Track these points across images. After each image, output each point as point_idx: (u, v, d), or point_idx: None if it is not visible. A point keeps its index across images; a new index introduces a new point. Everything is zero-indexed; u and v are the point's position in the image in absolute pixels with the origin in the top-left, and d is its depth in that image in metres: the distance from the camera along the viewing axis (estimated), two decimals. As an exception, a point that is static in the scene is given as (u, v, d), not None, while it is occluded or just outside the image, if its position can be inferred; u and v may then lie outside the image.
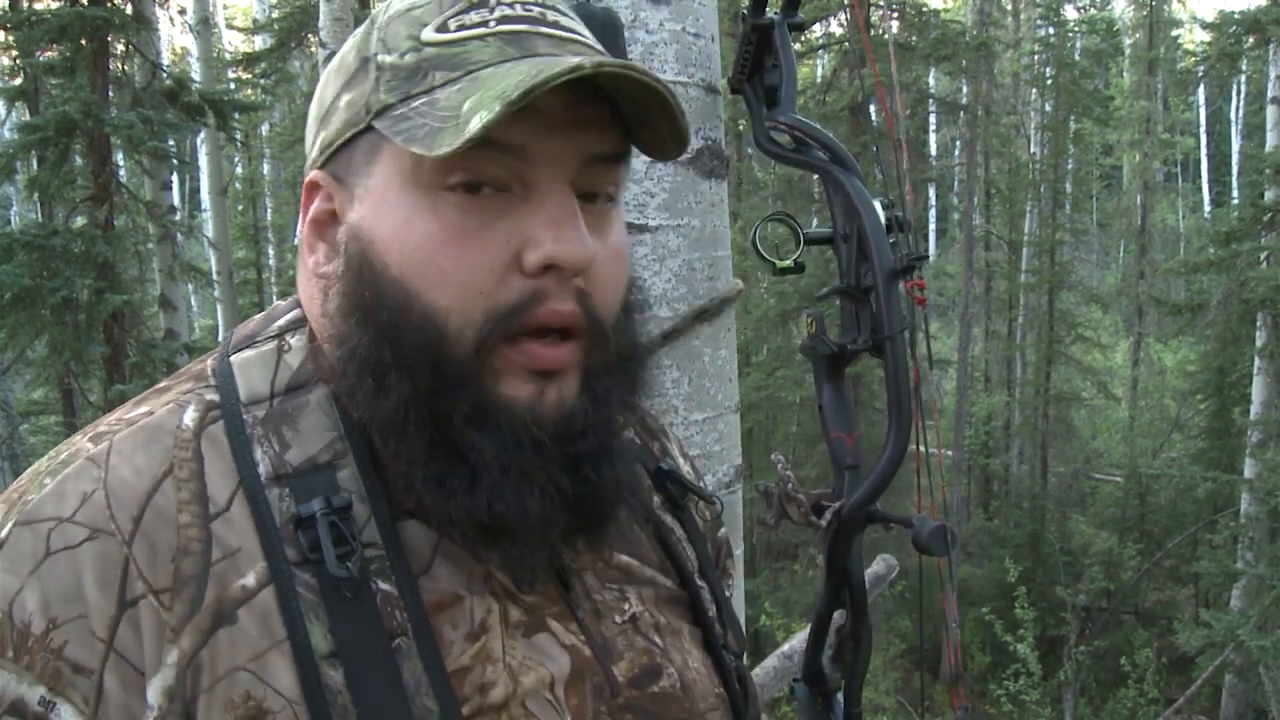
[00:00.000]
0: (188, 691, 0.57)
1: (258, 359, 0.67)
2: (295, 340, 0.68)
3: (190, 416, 0.64)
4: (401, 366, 0.61)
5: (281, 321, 0.70)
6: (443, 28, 0.63)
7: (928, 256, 1.16)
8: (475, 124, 0.56)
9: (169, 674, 0.57)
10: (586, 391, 0.65)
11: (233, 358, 0.67)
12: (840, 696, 1.09)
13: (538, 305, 0.62)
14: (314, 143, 0.69)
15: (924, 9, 10.52)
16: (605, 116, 0.63)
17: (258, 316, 0.73)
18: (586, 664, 0.67)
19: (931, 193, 17.77)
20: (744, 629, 1.51)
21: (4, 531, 0.58)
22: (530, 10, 0.64)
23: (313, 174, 0.68)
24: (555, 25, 0.65)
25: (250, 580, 0.59)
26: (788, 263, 1.10)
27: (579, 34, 0.66)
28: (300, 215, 0.69)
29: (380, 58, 0.64)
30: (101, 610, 0.56)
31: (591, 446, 0.64)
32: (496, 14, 0.63)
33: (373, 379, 0.62)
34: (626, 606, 0.73)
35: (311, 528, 0.60)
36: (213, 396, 0.65)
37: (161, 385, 0.69)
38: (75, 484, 0.60)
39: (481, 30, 0.62)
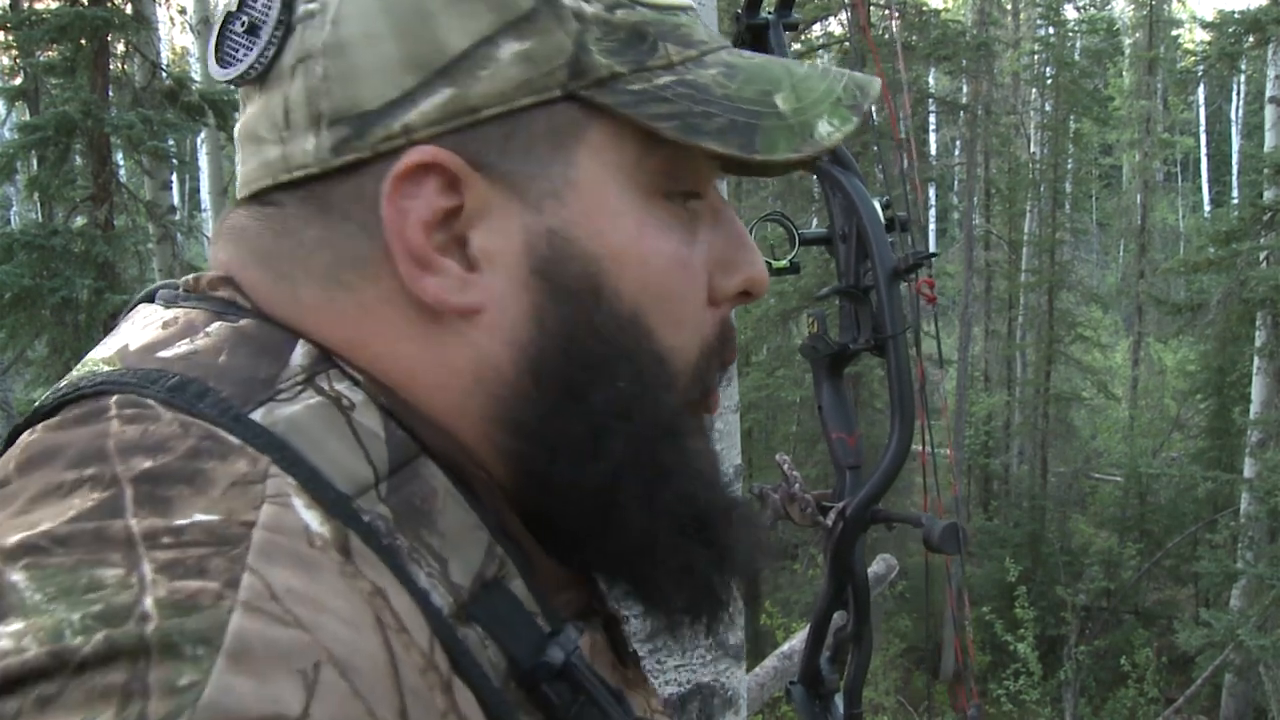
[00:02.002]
0: None
1: (314, 420, 0.42)
2: (347, 389, 0.44)
3: (315, 520, 0.39)
4: (664, 433, 0.48)
5: (299, 359, 0.44)
6: None
7: (936, 254, 1.15)
8: (827, 131, 0.48)
9: None
10: None
11: (258, 416, 0.41)
12: (839, 698, 1.09)
13: (730, 342, 0.53)
14: (408, 104, 0.44)
15: (924, 9, 10.52)
16: None
17: (206, 344, 0.44)
18: None
19: (931, 192, 17.78)
20: (744, 629, 1.51)
21: None
22: None
23: (427, 151, 0.44)
24: None
25: None
26: (783, 263, 1.10)
27: None
28: (390, 213, 0.44)
29: (575, 3, 0.46)
30: None
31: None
32: None
33: (639, 454, 0.47)
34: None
35: (560, 679, 0.43)
36: (290, 482, 0.39)
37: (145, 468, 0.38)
38: (270, 657, 0.33)
39: (675, 1, 0.50)
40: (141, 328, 0.47)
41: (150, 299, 0.50)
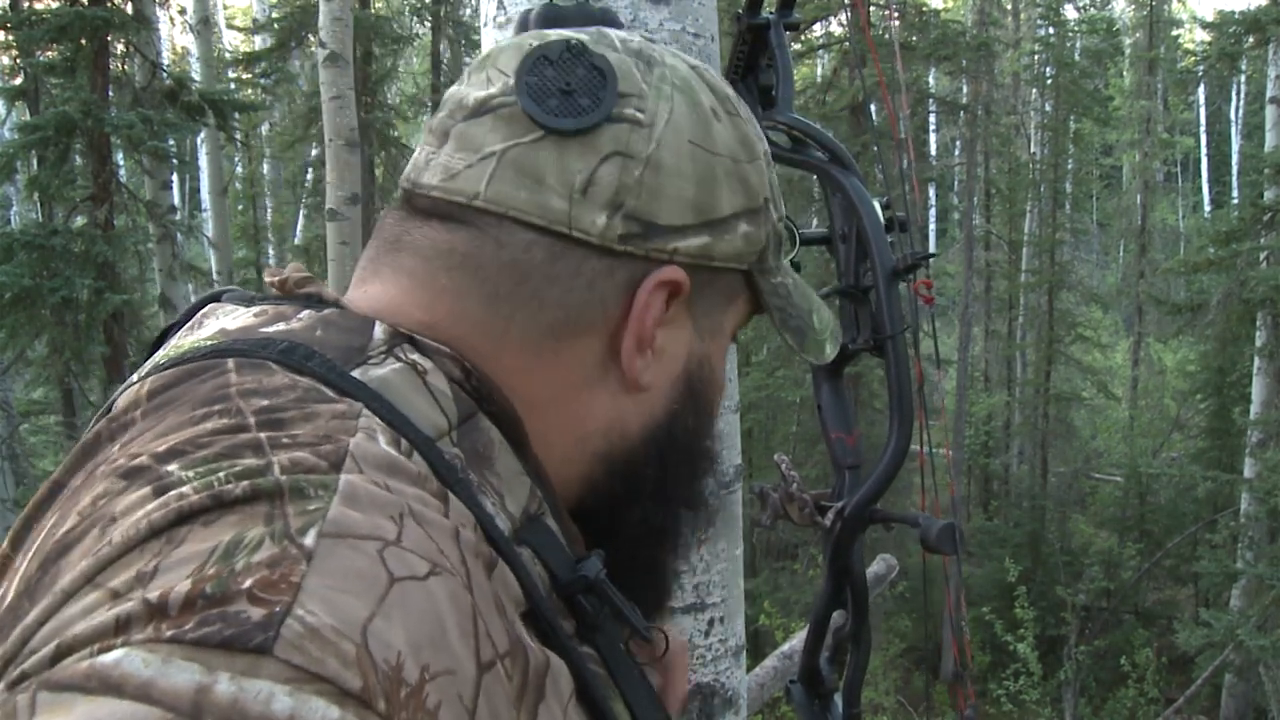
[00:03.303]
0: None
1: (400, 379, 0.52)
2: (418, 358, 0.54)
3: (393, 453, 0.48)
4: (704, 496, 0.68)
5: (380, 334, 0.54)
6: None
7: (934, 255, 1.16)
8: (830, 351, 0.71)
9: None
10: None
11: (357, 374, 0.51)
12: (838, 697, 1.09)
13: None
14: (681, 234, 0.58)
15: (924, 9, 10.52)
16: None
17: (300, 325, 0.54)
18: None
19: (931, 193, 17.77)
20: (744, 629, 1.51)
21: (308, 539, 0.40)
22: None
23: (680, 271, 0.59)
24: None
25: (539, 651, 0.49)
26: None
27: None
28: (641, 303, 0.58)
29: (771, 210, 0.64)
30: (466, 669, 0.41)
31: None
32: None
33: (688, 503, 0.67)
34: None
35: (590, 592, 0.54)
36: (378, 423, 0.50)
37: (267, 404, 0.48)
38: (371, 504, 0.44)
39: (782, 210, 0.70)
40: (231, 317, 0.56)
41: (216, 299, 0.59)
